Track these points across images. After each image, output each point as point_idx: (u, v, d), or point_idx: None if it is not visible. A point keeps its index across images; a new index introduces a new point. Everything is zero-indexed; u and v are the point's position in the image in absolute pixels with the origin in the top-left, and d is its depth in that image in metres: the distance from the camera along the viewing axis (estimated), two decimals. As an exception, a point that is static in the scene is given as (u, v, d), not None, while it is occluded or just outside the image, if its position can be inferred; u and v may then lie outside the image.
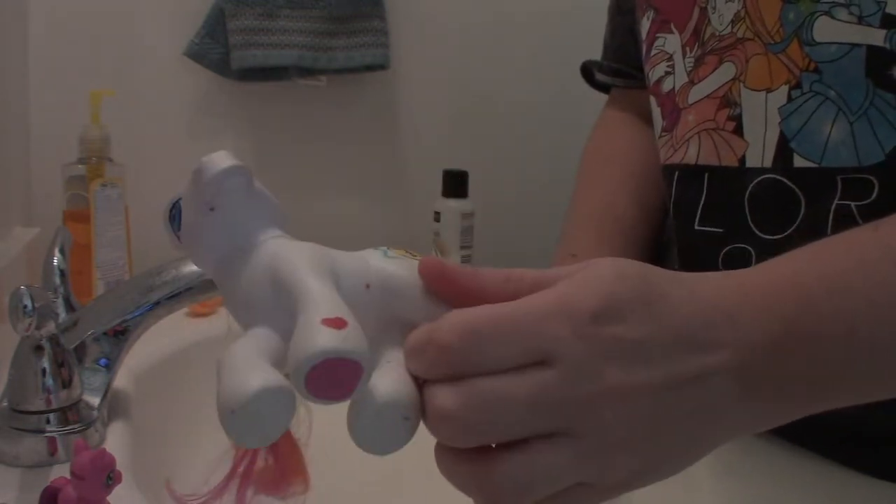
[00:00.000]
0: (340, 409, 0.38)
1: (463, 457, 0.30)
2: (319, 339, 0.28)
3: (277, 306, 0.31)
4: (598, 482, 0.31)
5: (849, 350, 0.34)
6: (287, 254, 0.32)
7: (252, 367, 0.29)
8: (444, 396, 0.29)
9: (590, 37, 0.83)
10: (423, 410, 0.31)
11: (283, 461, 0.39)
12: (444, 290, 0.32)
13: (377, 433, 0.31)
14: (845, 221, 0.48)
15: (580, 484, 0.31)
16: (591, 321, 0.30)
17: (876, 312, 0.34)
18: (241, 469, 0.38)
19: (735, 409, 0.32)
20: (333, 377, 0.28)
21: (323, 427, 0.41)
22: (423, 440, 0.31)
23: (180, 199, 0.34)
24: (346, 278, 0.32)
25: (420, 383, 0.31)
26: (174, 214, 0.34)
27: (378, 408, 0.30)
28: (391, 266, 0.33)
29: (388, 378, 0.31)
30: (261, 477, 0.39)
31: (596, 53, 0.80)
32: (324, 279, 0.31)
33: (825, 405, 0.35)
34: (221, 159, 0.33)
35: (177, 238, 0.34)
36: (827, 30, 0.47)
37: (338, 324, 0.28)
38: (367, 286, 0.33)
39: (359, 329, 0.29)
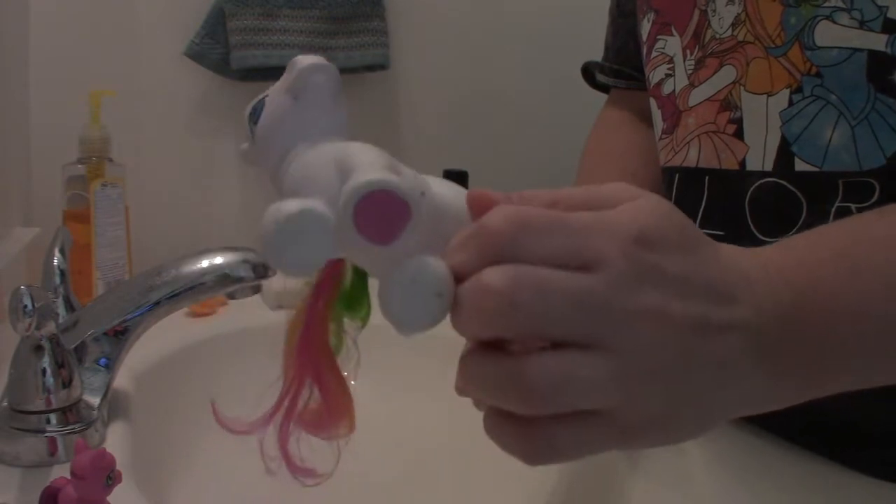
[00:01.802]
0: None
1: (498, 355, 0.30)
2: (374, 173, 0.29)
3: (337, 184, 0.31)
4: (621, 414, 0.30)
5: (859, 325, 0.34)
6: (355, 143, 0.33)
7: (298, 200, 0.30)
8: (492, 273, 0.29)
9: (589, 37, 0.83)
10: (461, 300, 0.30)
11: (329, 398, 0.38)
12: None
13: (408, 304, 0.30)
14: None
15: (602, 416, 0.30)
16: (634, 242, 0.30)
17: (887, 290, 0.35)
18: (286, 402, 0.38)
19: (749, 374, 0.32)
20: (382, 214, 0.28)
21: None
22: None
23: (266, 95, 0.36)
24: (407, 178, 0.32)
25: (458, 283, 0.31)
26: (256, 108, 0.36)
27: (412, 275, 0.30)
28: (446, 188, 0.34)
29: (424, 257, 0.31)
30: (305, 414, 0.38)
31: (595, 54, 0.80)
32: (384, 161, 0.31)
33: (835, 385, 0.35)
34: (315, 58, 0.35)
35: (251, 133, 0.36)
36: (828, 34, 0.47)
37: (394, 171, 0.30)
38: (422, 194, 0.32)
39: (413, 180, 0.30)
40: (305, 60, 0.35)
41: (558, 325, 0.29)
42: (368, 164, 0.30)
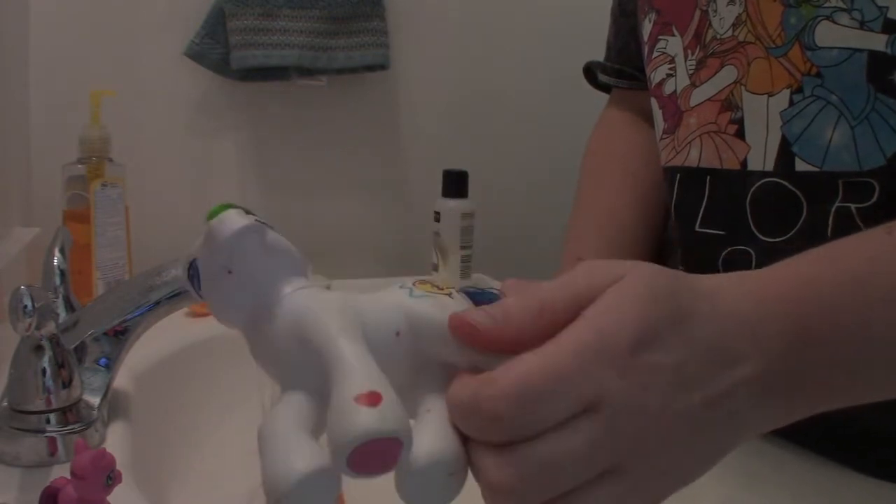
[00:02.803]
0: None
1: None
2: (358, 421, 0.27)
3: (308, 366, 0.31)
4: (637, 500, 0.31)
5: (865, 349, 0.34)
6: (312, 312, 0.31)
7: (294, 446, 0.29)
8: (496, 469, 0.29)
9: (590, 36, 0.83)
10: (472, 470, 0.30)
11: None
12: (479, 345, 0.31)
13: (424, 492, 0.30)
14: (845, 223, 0.48)
15: None
16: (629, 354, 0.29)
17: (891, 310, 0.34)
18: None
19: (757, 414, 0.33)
20: (375, 454, 0.28)
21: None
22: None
23: (195, 259, 0.33)
24: (375, 329, 0.32)
25: (464, 436, 0.31)
26: (192, 274, 0.33)
27: (422, 468, 0.30)
28: (420, 307, 0.32)
29: (430, 435, 0.31)
30: None
31: (596, 53, 0.80)
32: (352, 337, 0.30)
33: (841, 403, 0.35)
34: (231, 220, 0.32)
35: (199, 296, 0.34)
36: (828, 34, 0.47)
37: (372, 399, 0.28)
38: (398, 334, 0.32)
39: (395, 401, 0.28)
40: (223, 229, 0.31)
41: (572, 483, 0.29)
42: (343, 378, 0.29)
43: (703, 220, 0.55)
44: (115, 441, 0.53)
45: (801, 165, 0.49)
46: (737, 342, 0.32)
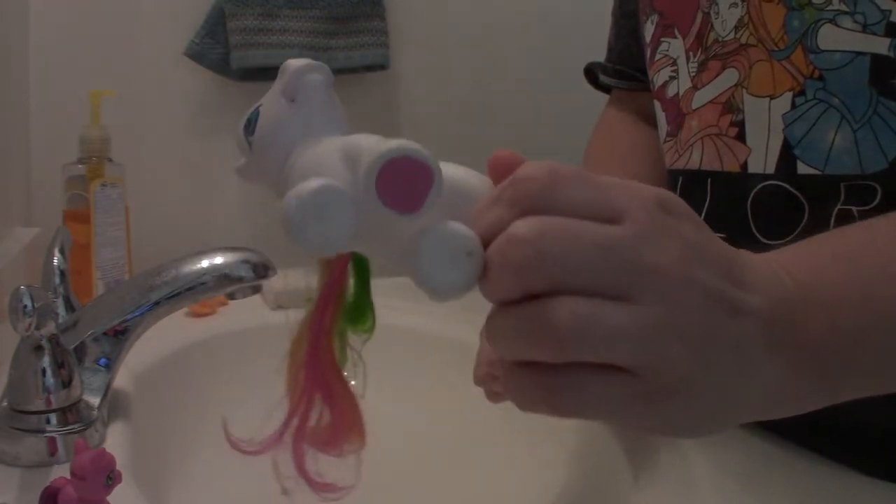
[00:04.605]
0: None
1: (525, 304, 0.29)
2: (392, 141, 0.29)
3: (346, 172, 0.31)
4: (645, 375, 0.30)
5: (865, 317, 0.35)
6: (355, 136, 0.33)
7: (317, 178, 0.30)
8: (521, 224, 0.29)
9: (590, 37, 0.83)
10: (490, 259, 0.30)
11: (339, 414, 0.37)
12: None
13: (440, 268, 0.30)
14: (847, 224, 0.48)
15: (628, 374, 0.30)
16: (657, 205, 0.31)
17: (891, 283, 0.35)
18: (295, 420, 0.37)
19: (763, 363, 0.32)
20: (404, 181, 0.28)
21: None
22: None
23: (259, 105, 0.36)
24: None
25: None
26: (251, 119, 0.36)
27: (441, 236, 0.30)
28: (459, 170, 0.34)
29: (449, 222, 0.31)
30: (315, 431, 0.37)
31: (596, 54, 0.80)
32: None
33: (850, 386, 0.36)
34: (304, 60, 0.36)
35: (247, 145, 0.36)
36: (831, 38, 0.47)
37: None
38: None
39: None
40: (297, 62, 0.35)
41: (586, 275, 0.29)
42: (377, 140, 0.30)
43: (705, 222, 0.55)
44: (115, 441, 0.53)
45: (802, 168, 0.49)
46: (746, 274, 0.32)
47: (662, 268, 0.29)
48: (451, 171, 0.33)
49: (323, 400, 0.37)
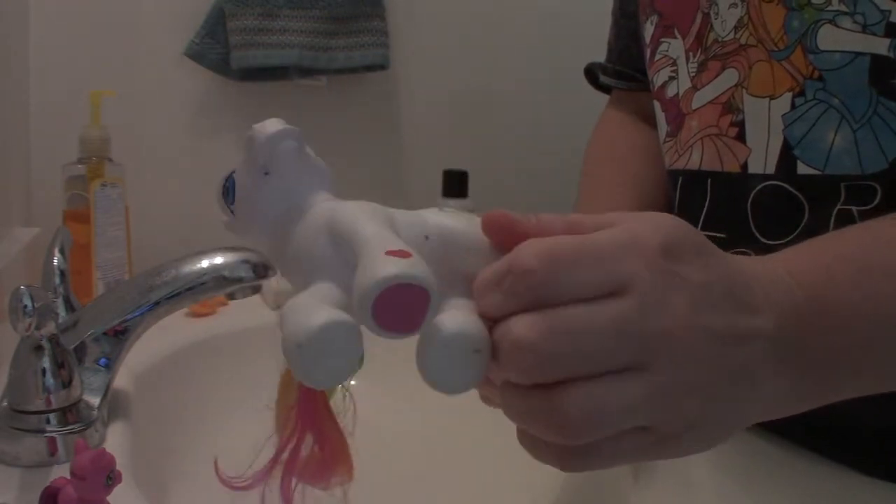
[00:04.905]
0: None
1: (534, 390, 0.30)
2: (386, 266, 0.27)
3: (336, 258, 0.31)
4: (659, 426, 0.30)
5: (872, 321, 0.35)
6: (344, 208, 0.32)
7: (316, 307, 0.29)
8: (524, 326, 0.29)
9: (590, 37, 0.83)
10: (496, 347, 0.30)
11: (329, 451, 0.38)
12: (509, 242, 0.32)
13: (446, 366, 0.30)
14: (847, 224, 0.48)
15: (641, 428, 0.30)
16: (660, 255, 0.30)
17: (893, 284, 0.35)
18: (284, 455, 0.38)
19: (770, 378, 0.33)
20: (401, 306, 0.27)
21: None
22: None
23: (234, 172, 0.35)
24: (405, 228, 0.32)
25: (490, 326, 0.30)
26: (228, 187, 0.35)
27: (447, 338, 0.30)
28: (449, 220, 0.33)
29: (457, 314, 0.31)
30: (304, 465, 0.38)
31: (596, 54, 0.80)
32: (381, 225, 0.31)
33: (853, 387, 0.36)
34: (272, 124, 0.33)
35: (230, 211, 0.35)
36: (831, 38, 0.47)
37: (402, 254, 0.28)
38: (427, 237, 0.32)
39: (423, 262, 0.28)
40: (264, 130, 0.33)
41: (597, 359, 0.29)
42: (373, 241, 0.29)
43: (704, 223, 0.55)
44: (115, 441, 0.53)
45: (802, 169, 0.49)
46: (751, 293, 0.33)
47: (671, 330, 0.30)
48: (440, 220, 0.33)
49: (313, 438, 0.38)
